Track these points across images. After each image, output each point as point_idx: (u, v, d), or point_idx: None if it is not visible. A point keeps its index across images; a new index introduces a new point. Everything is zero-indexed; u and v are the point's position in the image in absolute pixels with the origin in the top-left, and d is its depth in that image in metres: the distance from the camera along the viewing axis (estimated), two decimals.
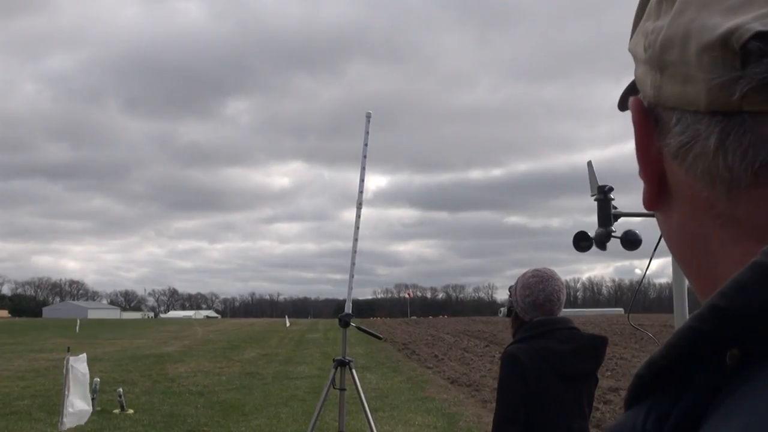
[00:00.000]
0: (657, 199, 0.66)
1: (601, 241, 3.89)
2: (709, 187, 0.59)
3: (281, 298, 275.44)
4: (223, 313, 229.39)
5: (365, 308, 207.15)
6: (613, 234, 3.87)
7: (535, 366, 3.67)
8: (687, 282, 4.06)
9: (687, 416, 0.55)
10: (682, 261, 0.67)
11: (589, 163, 4.22)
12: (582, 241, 4.01)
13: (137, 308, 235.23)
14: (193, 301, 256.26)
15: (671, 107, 0.61)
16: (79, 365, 10.68)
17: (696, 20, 0.57)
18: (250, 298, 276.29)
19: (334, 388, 6.33)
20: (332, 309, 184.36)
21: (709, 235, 0.61)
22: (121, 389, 15.14)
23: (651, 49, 0.62)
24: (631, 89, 0.76)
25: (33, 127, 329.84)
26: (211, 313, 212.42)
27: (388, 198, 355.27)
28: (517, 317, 4.00)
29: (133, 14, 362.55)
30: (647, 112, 0.65)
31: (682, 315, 3.94)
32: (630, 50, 0.70)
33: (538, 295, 3.88)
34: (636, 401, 0.61)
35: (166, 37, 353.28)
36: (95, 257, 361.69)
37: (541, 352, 3.71)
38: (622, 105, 0.85)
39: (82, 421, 10.71)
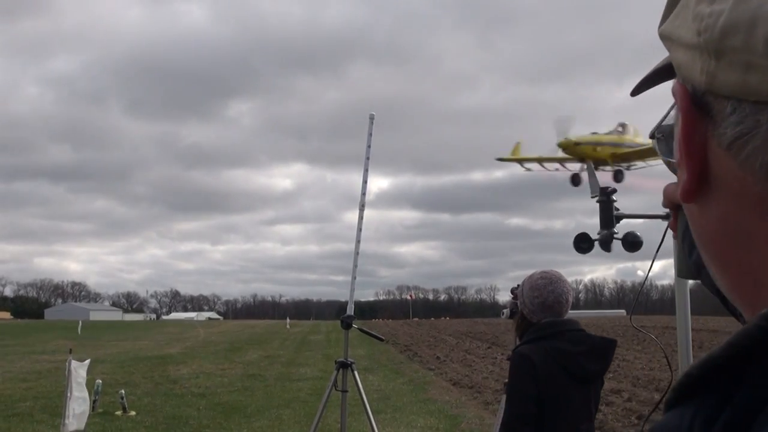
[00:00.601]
0: (697, 190, 0.62)
1: (606, 242, 3.89)
2: (765, 180, 0.56)
3: (283, 299, 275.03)
4: (225, 315, 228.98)
5: (367, 310, 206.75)
6: (615, 236, 3.88)
7: (545, 367, 3.69)
8: (689, 284, 4.06)
9: (739, 418, 0.54)
10: (715, 257, 0.64)
11: (590, 165, 4.22)
12: (582, 243, 4.02)
13: (139, 310, 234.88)
14: (195, 303, 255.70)
15: (726, 95, 0.58)
16: (80, 371, 10.68)
17: (765, 5, 0.54)
18: (252, 300, 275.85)
19: (336, 389, 6.33)
20: (334, 311, 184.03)
21: (754, 231, 0.59)
22: (123, 391, 15.14)
23: (708, 33, 0.57)
24: (655, 75, 0.74)
25: (35, 129, 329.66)
26: (213, 314, 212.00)
27: (390, 200, 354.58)
28: (523, 319, 4.01)
29: (135, 16, 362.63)
30: (693, 99, 0.61)
31: (684, 316, 3.94)
32: (665, 34, 0.66)
33: (547, 297, 3.89)
34: (679, 402, 0.59)
35: (168, 39, 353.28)
36: (97, 259, 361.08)
37: (551, 353, 3.73)
38: (637, 90, 0.81)
39: (82, 425, 10.70)
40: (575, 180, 44.05)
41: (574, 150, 40.46)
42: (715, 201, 0.61)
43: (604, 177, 42.83)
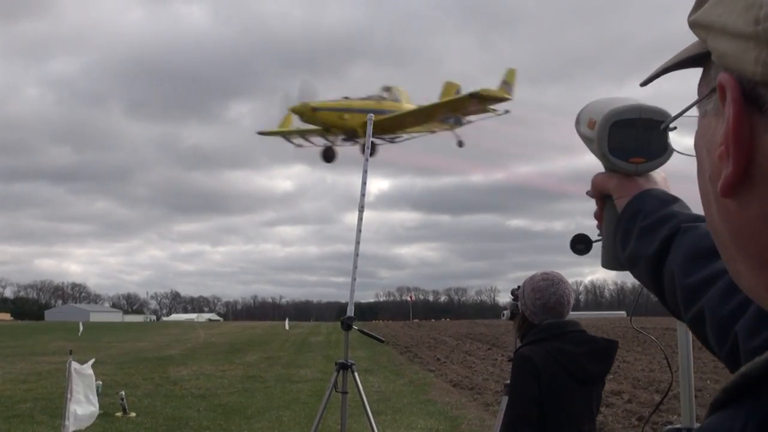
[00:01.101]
0: (739, 185, 0.59)
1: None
2: None
3: (283, 301, 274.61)
4: (225, 316, 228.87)
5: (367, 311, 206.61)
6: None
7: (548, 368, 3.70)
8: None
9: None
10: (753, 254, 0.62)
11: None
12: (579, 244, 4.01)
13: (139, 311, 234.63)
14: (195, 304, 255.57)
15: None
16: (85, 370, 10.69)
17: None
18: (252, 301, 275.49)
19: (336, 391, 6.32)
20: (334, 312, 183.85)
21: None
22: (123, 392, 15.14)
23: None
24: (676, 65, 0.72)
25: (36, 131, 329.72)
26: (213, 316, 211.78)
27: (390, 201, 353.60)
28: (524, 320, 4.02)
29: (136, 18, 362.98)
30: (742, 90, 0.58)
31: None
32: (701, 22, 0.63)
33: (549, 298, 3.88)
34: (728, 404, 0.58)
35: (169, 40, 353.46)
36: (97, 260, 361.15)
37: (554, 354, 3.73)
38: (649, 81, 0.81)
39: (86, 424, 10.67)
40: (327, 155, 38.72)
41: (312, 117, 35.74)
42: (758, 197, 0.59)
43: (353, 151, 37.05)
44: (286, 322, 79.57)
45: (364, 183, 6.97)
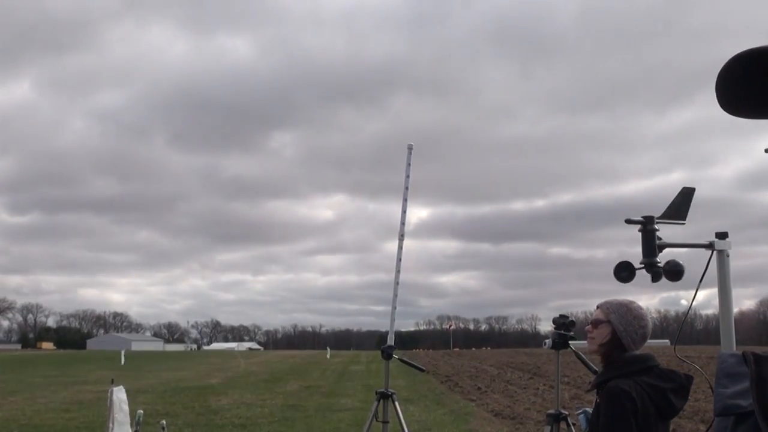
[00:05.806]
0: None
1: (655, 274, 3.83)
2: None
3: (323, 329, 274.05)
4: (265, 345, 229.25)
5: (408, 340, 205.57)
6: (657, 265, 3.83)
7: (642, 403, 3.57)
8: (734, 313, 4.00)
9: None
10: None
11: (689, 191, 4.19)
12: (623, 272, 3.96)
13: (180, 340, 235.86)
14: (236, 333, 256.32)
15: None
16: (120, 395, 10.76)
17: None
18: (292, 330, 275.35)
19: (376, 420, 6.31)
20: (374, 341, 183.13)
21: None
22: (164, 421, 15.13)
23: None
24: None
25: (81, 162, 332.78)
26: (253, 344, 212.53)
27: (430, 229, 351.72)
28: (618, 348, 3.85)
29: (181, 51, 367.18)
30: None
31: (729, 346, 3.87)
32: None
33: (647, 327, 3.84)
34: None
35: (212, 73, 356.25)
36: (139, 290, 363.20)
37: (647, 389, 3.61)
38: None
39: None
40: None
41: None
42: None
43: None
44: (328, 351, 79.65)
45: (404, 212, 6.99)
